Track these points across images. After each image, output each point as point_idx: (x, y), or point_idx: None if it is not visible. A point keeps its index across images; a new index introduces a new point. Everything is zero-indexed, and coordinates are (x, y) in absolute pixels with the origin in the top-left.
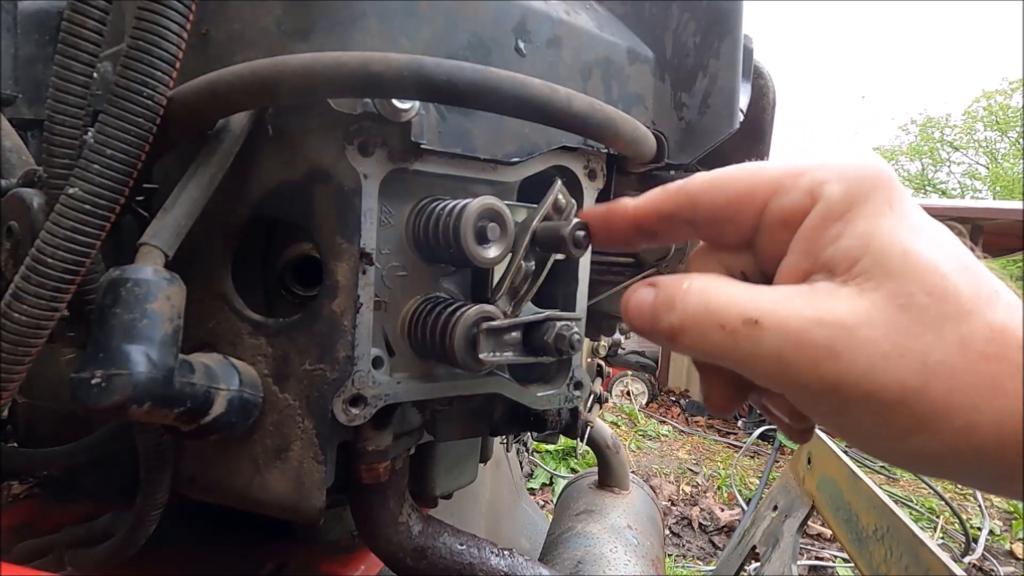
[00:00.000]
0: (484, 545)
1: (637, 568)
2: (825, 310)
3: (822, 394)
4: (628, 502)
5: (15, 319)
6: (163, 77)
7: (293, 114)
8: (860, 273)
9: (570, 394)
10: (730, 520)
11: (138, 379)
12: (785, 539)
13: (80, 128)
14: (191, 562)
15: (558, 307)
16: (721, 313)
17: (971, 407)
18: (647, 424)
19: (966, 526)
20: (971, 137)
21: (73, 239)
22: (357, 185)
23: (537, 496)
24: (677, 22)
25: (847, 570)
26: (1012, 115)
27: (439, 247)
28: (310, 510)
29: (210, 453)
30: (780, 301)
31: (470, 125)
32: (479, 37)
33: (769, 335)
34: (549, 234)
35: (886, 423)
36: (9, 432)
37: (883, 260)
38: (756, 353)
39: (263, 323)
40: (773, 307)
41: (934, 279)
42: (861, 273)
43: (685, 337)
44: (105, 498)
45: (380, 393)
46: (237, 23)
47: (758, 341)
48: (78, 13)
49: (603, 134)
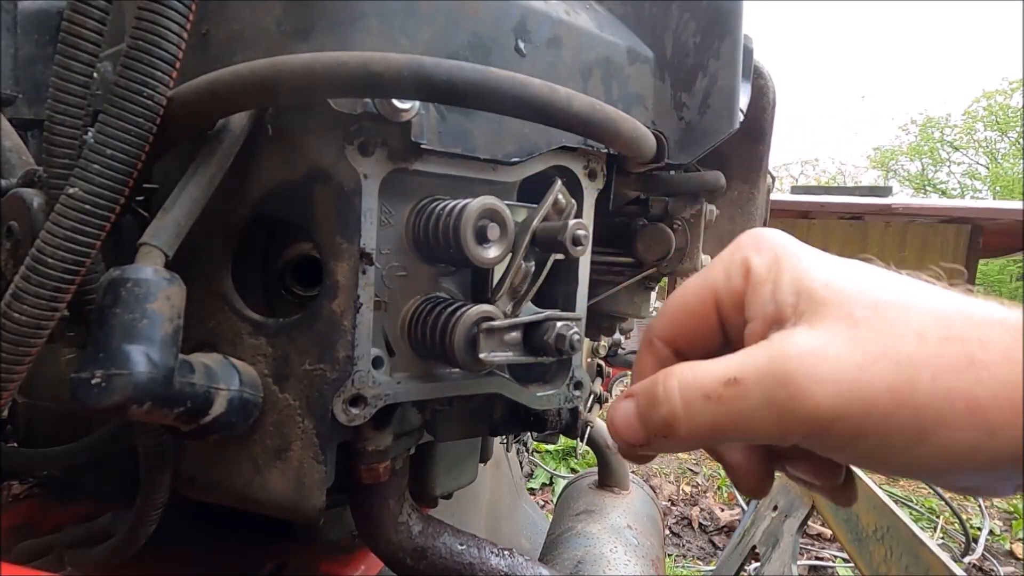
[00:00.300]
0: (484, 545)
1: (637, 568)
2: (790, 346)
3: (825, 423)
4: (628, 502)
5: (15, 319)
6: (163, 77)
7: (293, 114)
8: (802, 312)
9: (570, 394)
10: (730, 520)
11: (138, 379)
12: (785, 539)
13: (80, 128)
14: (191, 562)
15: (558, 307)
16: (700, 385)
17: (959, 386)
18: None
19: (966, 526)
20: (971, 137)
21: (73, 239)
22: (357, 185)
23: (537, 496)
24: (677, 22)
25: (847, 570)
26: (1012, 115)
27: (439, 247)
28: (310, 510)
29: (210, 453)
30: (749, 355)
31: (470, 125)
32: (479, 37)
33: (752, 387)
34: (549, 234)
35: (897, 428)
36: (9, 432)
37: (812, 295)
38: (748, 408)
39: (263, 323)
40: (745, 362)
41: (860, 296)
42: (803, 312)
43: (680, 425)
44: (105, 498)
45: (380, 393)
46: (237, 23)
47: (745, 396)
48: (78, 13)
49: (603, 134)
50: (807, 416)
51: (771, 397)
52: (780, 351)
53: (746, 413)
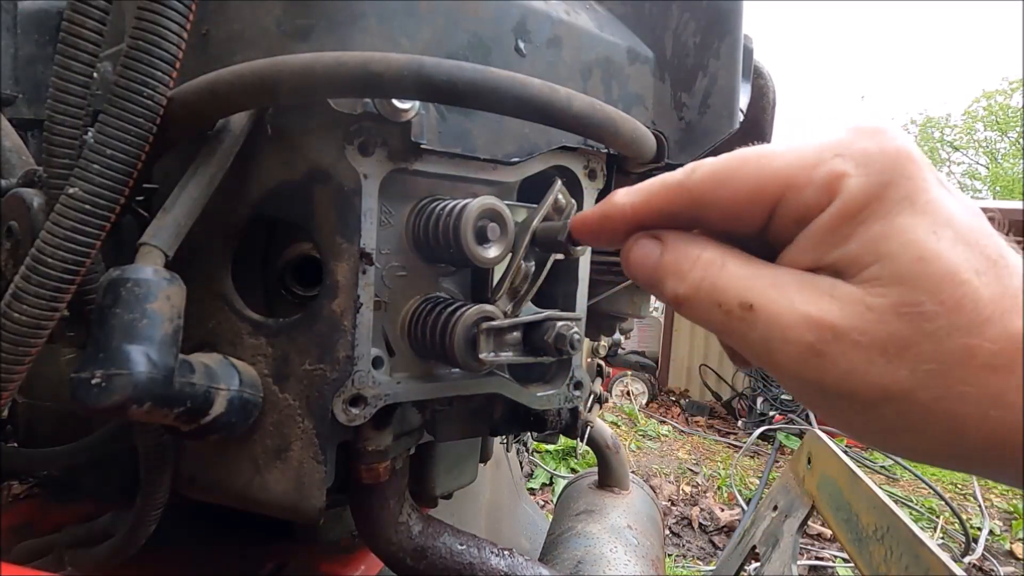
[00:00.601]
0: (484, 545)
1: (637, 568)
2: (819, 308)
3: (805, 387)
4: (628, 502)
5: (15, 319)
6: (163, 77)
7: (293, 114)
8: (868, 279)
9: (570, 394)
10: (730, 520)
11: (138, 379)
12: (785, 539)
13: (80, 128)
14: (191, 562)
15: (558, 307)
16: (721, 293)
17: (961, 415)
18: (647, 424)
19: (966, 526)
20: (971, 137)
21: (73, 239)
22: (357, 185)
23: (537, 496)
24: (677, 22)
25: (847, 570)
26: (1012, 115)
27: (439, 247)
28: (310, 510)
29: (210, 453)
30: (778, 288)
31: (470, 125)
32: (479, 37)
33: (761, 323)
34: (549, 234)
35: (870, 421)
36: (9, 432)
37: (894, 266)
38: (747, 337)
39: (263, 323)
40: (769, 295)
41: (950, 288)
42: (869, 279)
43: (686, 308)
44: (105, 498)
45: (380, 393)
46: (237, 23)
47: (751, 326)
48: (78, 13)
49: (603, 134)
50: (791, 374)
51: (769, 343)
52: (805, 310)
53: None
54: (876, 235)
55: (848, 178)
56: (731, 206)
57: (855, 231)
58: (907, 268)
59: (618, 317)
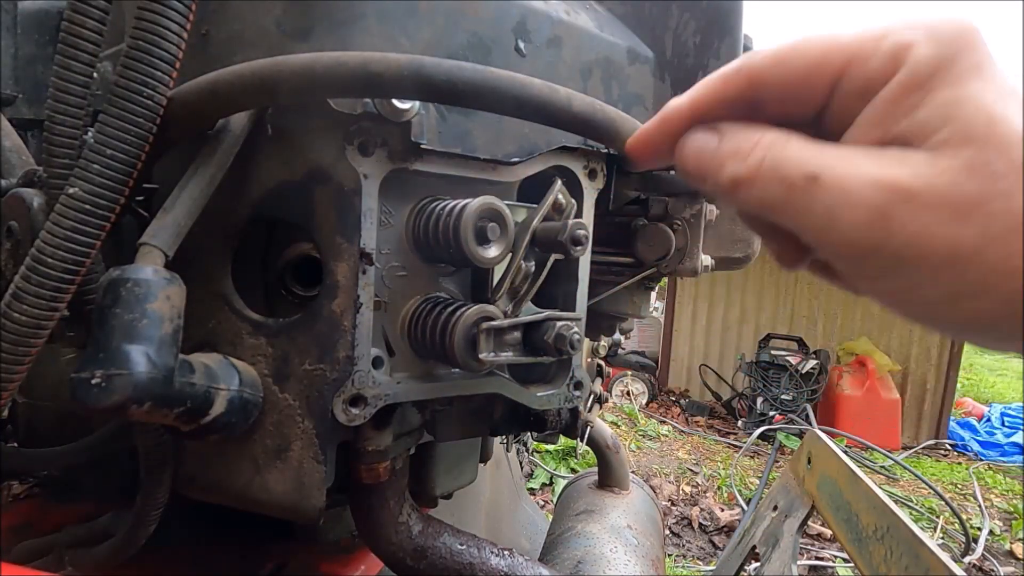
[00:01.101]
0: (484, 545)
1: (637, 568)
2: (888, 173)
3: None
4: (628, 502)
5: (15, 319)
6: (163, 77)
7: (293, 114)
8: (938, 144)
9: (570, 394)
10: (730, 520)
11: (138, 379)
12: (785, 539)
13: (80, 128)
14: (191, 562)
15: (558, 307)
16: (785, 169)
17: None
18: (647, 424)
19: (966, 526)
20: None
21: (73, 239)
22: (357, 185)
23: (537, 496)
24: (677, 22)
25: (847, 570)
26: None
27: (439, 247)
28: (310, 510)
29: (210, 453)
30: (845, 158)
31: (470, 125)
32: (479, 37)
33: (825, 191)
34: (549, 234)
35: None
36: (9, 432)
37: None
38: (808, 208)
39: (263, 323)
40: (835, 163)
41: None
42: (939, 144)
43: (743, 191)
44: (105, 498)
45: (380, 393)
46: (237, 23)
47: (814, 197)
48: (78, 13)
49: (603, 134)
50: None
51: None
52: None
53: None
54: (945, 100)
55: (915, 47)
56: (791, 83)
57: (923, 99)
58: (978, 130)
59: (618, 317)
